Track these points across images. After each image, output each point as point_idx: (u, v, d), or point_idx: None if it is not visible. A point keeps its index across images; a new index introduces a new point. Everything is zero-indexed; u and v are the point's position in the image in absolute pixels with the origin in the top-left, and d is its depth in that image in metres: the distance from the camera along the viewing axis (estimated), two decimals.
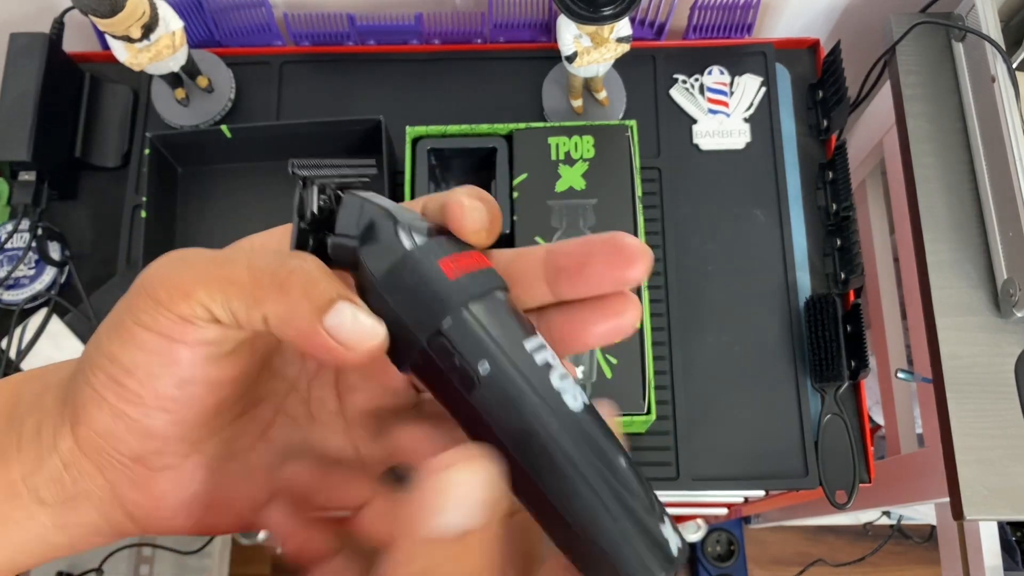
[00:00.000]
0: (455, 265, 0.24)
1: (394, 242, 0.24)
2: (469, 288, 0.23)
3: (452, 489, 0.19)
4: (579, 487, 0.22)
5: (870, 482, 0.70)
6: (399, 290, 0.23)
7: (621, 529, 0.22)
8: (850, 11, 0.84)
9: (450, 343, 0.23)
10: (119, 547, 1.03)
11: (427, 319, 0.23)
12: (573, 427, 0.23)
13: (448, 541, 0.19)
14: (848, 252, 0.73)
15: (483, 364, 0.23)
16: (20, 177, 0.74)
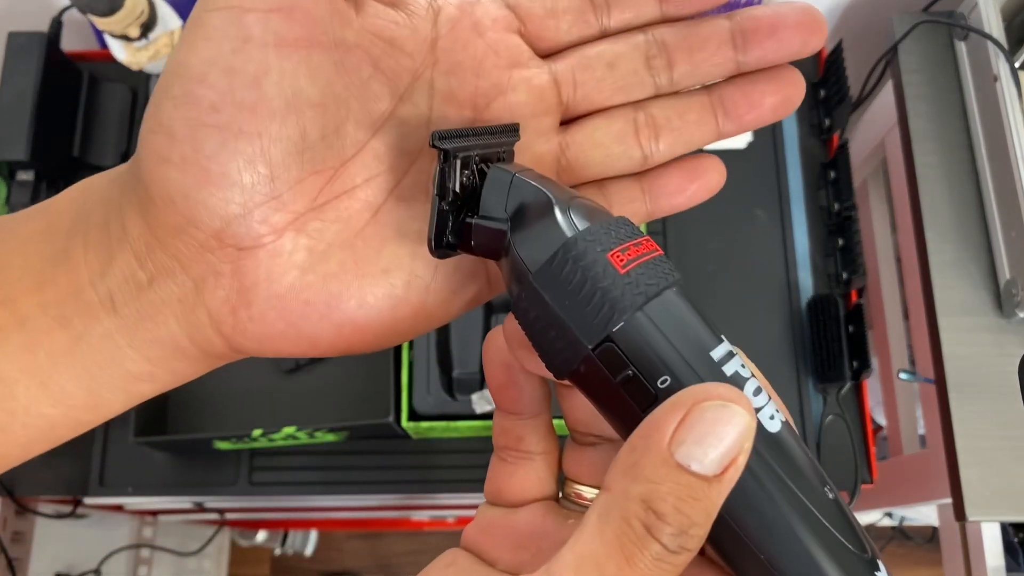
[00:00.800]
0: (626, 256, 0.20)
1: (552, 227, 0.20)
2: (644, 285, 0.19)
3: (719, 426, 0.17)
4: (786, 525, 0.18)
5: (872, 483, 0.69)
6: (559, 287, 0.19)
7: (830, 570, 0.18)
8: (852, 10, 0.83)
9: (623, 353, 0.19)
10: (118, 548, 1.03)
11: (595, 323, 0.19)
12: (776, 453, 0.19)
13: (693, 475, 0.17)
14: (850, 252, 0.73)
15: (663, 378, 0.19)
16: (18, 177, 0.74)
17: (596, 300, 0.19)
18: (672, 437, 0.17)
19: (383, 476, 0.71)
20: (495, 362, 0.23)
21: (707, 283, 0.74)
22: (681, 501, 0.17)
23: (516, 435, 0.24)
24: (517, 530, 0.23)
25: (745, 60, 0.23)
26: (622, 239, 0.20)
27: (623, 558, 0.17)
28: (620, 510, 0.17)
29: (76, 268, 0.21)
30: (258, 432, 0.64)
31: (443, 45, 0.22)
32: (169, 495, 0.72)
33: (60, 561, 0.99)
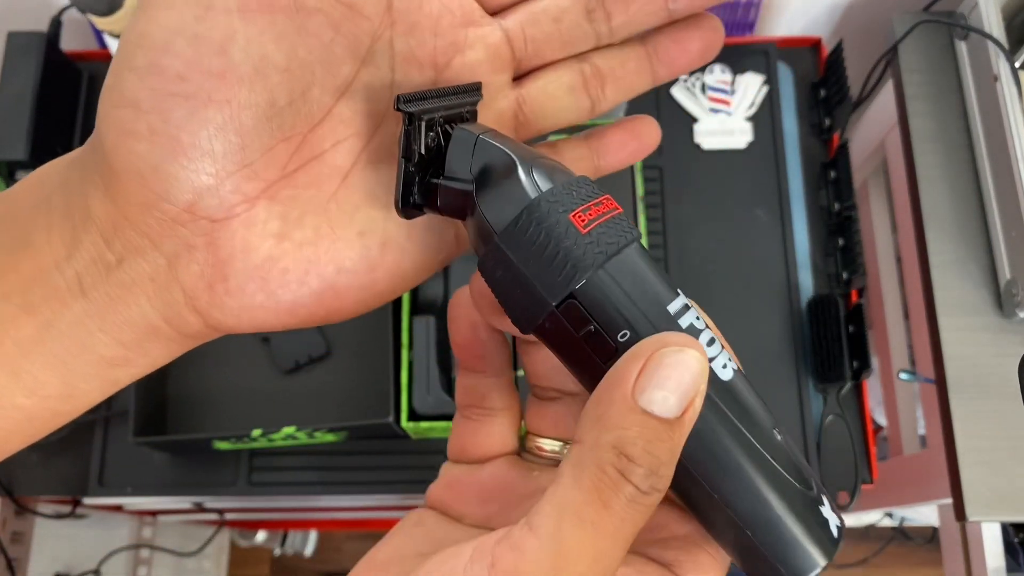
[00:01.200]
0: (587, 216, 0.20)
1: (516, 188, 0.21)
2: (605, 243, 0.20)
3: (677, 370, 0.18)
4: (738, 466, 0.20)
5: (872, 483, 0.69)
6: (523, 246, 0.20)
7: (781, 512, 0.20)
8: (852, 10, 0.83)
9: (585, 309, 0.20)
10: (117, 548, 1.02)
11: (558, 281, 0.20)
12: (728, 400, 0.20)
13: (657, 419, 0.18)
14: (850, 252, 0.73)
15: (623, 332, 0.20)
16: (17, 176, 0.74)
17: (559, 259, 0.20)
18: (635, 385, 0.18)
19: (383, 476, 0.71)
20: (461, 321, 0.24)
21: (707, 283, 0.74)
22: (648, 443, 0.18)
23: (480, 393, 0.24)
24: (483, 485, 0.24)
25: (675, 7, 0.24)
26: (583, 199, 0.21)
27: (600, 503, 0.18)
28: (593, 459, 0.18)
29: (39, 253, 0.20)
30: (257, 432, 0.64)
31: (399, 7, 0.22)
32: (168, 495, 0.72)
33: (59, 561, 0.99)
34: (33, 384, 0.21)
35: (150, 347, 0.22)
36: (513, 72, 0.25)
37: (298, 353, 0.71)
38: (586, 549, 0.18)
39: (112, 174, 0.20)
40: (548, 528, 0.18)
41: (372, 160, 0.23)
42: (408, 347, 0.66)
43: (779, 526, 0.20)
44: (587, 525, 0.18)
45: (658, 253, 0.74)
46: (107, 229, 0.20)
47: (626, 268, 0.21)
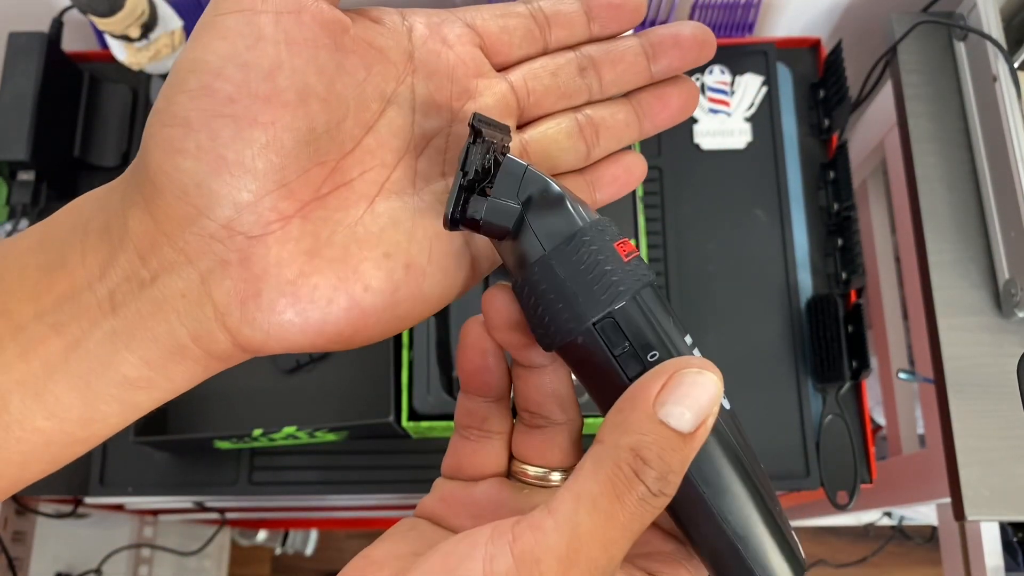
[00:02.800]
0: (624, 249, 0.23)
1: (567, 215, 0.23)
2: (640, 274, 0.23)
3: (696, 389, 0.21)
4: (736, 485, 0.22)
5: (871, 483, 0.69)
6: (572, 265, 0.22)
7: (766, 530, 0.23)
8: (851, 10, 0.83)
9: (622, 327, 0.22)
10: (118, 548, 1.03)
11: (602, 300, 0.22)
12: (731, 427, 0.23)
13: (673, 431, 0.20)
14: (849, 252, 0.73)
15: (653, 354, 0.22)
16: (19, 177, 0.74)
17: (605, 280, 0.22)
18: (656, 398, 0.21)
19: (383, 476, 0.71)
20: (473, 347, 0.26)
21: (707, 283, 0.74)
22: (663, 451, 0.20)
23: (481, 416, 0.26)
24: (475, 501, 0.26)
25: (656, 69, 0.27)
26: (616, 236, 0.23)
27: (614, 496, 0.20)
28: (612, 457, 0.21)
29: (73, 273, 0.21)
30: (258, 432, 0.65)
31: (419, 56, 0.25)
32: (169, 495, 0.72)
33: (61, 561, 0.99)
34: (55, 406, 0.22)
35: (174, 369, 0.23)
36: (518, 119, 0.27)
37: (299, 353, 0.71)
38: (598, 534, 0.20)
39: (155, 191, 0.21)
40: (566, 512, 0.20)
41: (394, 190, 0.24)
42: (408, 347, 0.66)
43: (764, 542, 0.23)
44: (601, 513, 0.20)
45: (658, 253, 0.74)
46: (144, 246, 0.21)
47: (654, 299, 0.23)
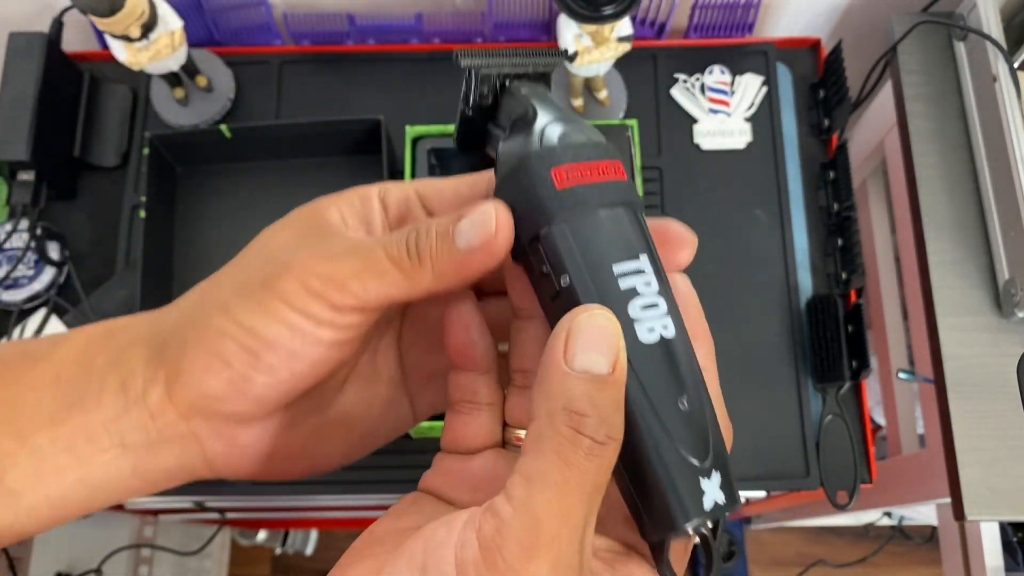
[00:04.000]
0: (572, 174, 0.24)
1: (523, 142, 0.25)
2: (573, 201, 0.24)
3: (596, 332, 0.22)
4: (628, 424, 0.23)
5: (871, 483, 0.69)
6: (515, 190, 0.25)
7: (654, 471, 0.22)
8: (851, 11, 0.83)
9: (543, 250, 0.24)
10: (118, 548, 1.03)
11: (529, 224, 0.24)
12: (637, 363, 0.23)
13: (591, 377, 0.22)
14: (849, 252, 0.73)
15: (564, 278, 0.24)
16: (19, 177, 0.74)
17: (534, 206, 0.24)
18: (564, 354, 0.22)
19: (384, 476, 0.71)
20: (456, 324, 0.28)
21: (707, 283, 0.74)
22: (591, 396, 0.21)
23: (471, 389, 0.28)
24: (473, 474, 0.27)
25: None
26: (579, 159, 0.25)
27: (562, 463, 0.21)
28: (548, 426, 0.21)
29: (88, 414, 0.26)
30: None
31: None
32: (169, 494, 0.72)
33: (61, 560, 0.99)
34: (60, 502, 0.26)
35: (164, 483, 0.28)
36: None
37: None
38: (554, 509, 0.21)
39: (180, 383, 0.26)
40: (520, 495, 0.21)
41: (359, 373, 0.30)
42: None
43: (651, 482, 0.22)
44: (552, 486, 0.21)
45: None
46: (156, 410, 0.26)
47: (590, 226, 0.24)
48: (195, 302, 0.27)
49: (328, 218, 0.27)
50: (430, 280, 0.25)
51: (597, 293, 0.23)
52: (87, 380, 0.26)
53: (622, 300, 0.24)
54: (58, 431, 0.26)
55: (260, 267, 0.26)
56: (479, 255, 0.25)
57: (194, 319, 0.26)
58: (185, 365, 0.25)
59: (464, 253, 0.24)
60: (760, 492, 0.77)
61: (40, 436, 0.26)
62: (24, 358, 0.27)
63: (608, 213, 0.24)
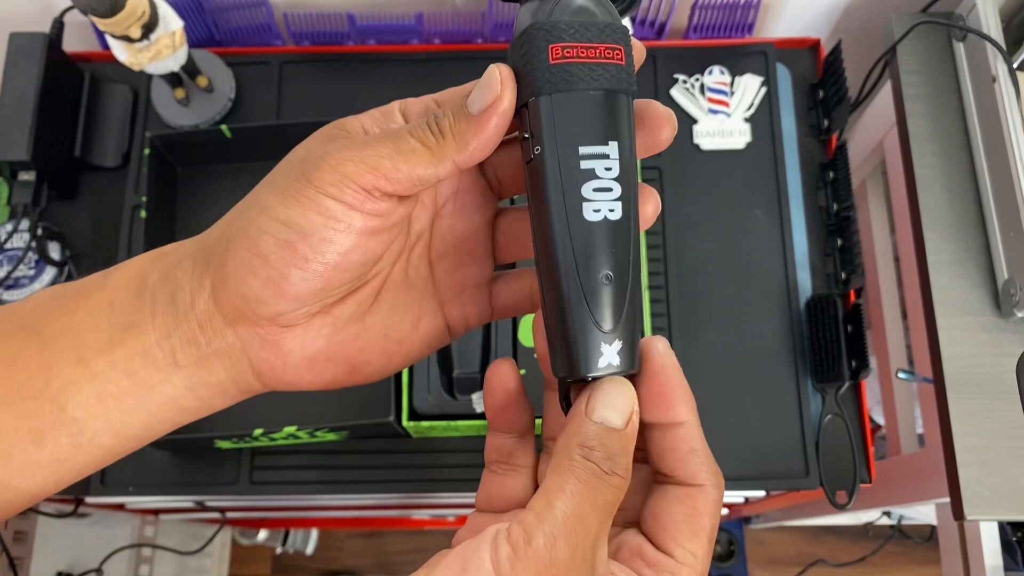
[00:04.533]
0: (568, 52, 0.26)
1: (537, 7, 0.27)
2: (562, 78, 0.26)
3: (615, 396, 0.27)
4: (548, 284, 0.27)
5: (871, 482, 0.69)
6: (517, 56, 0.27)
7: (567, 326, 0.27)
8: (851, 11, 0.83)
9: (527, 117, 0.27)
10: (119, 547, 1.03)
11: (523, 90, 0.27)
12: (575, 233, 0.26)
13: (605, 427, 0.26)
14: (849, 252, 0.73)
15: (537, 148, 0.26)
16: (20, 177, 0.74)
17: (528, 76, 0.26)
18: (586, 408, 0.27)
19: (383, 475, 0.71)
20: (497, 389, 0.30)
21: (707, 283, 0.74)
22: (602, 437, 0.26)
23: (507, 451, 0.31)
24: None
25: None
26: (580, 39, 0.26)
27: (575, 478, 0.25)
28: (565, 455, 0.26)
29: (143, 333, 0.27)
30: (259, 431, 0.65)
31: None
32: (170, 494, 0.72)
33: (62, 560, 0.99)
34: (120, 428, 0.28)
35: (218, 400, 0.29)
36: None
37: None
38: (570, 512, 0.25)
39: (223, 287, 0.27)
40: (540, 503, 0.25)
41: (395, 280, 0.31)
42: None
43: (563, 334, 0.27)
44: (567, 494, 0.25)
45: (657, 253, 0.74)
46: (204, 319, 0.27)
47: (570, 106, 0.26)
48: (235, 212, 0.28)
49: (351, 129, 0.28)
50: (454, 150, 0.26)
51: (559, 169, 0.26)
52: (140, 302, 0.28)
53: (579, 179, 0.26)
54: (115, 355, 0.27)
55: (295, 167, 0.27)
56: (490, 114, 0.26)
57: (235, 226, 0.27)
58: (228, 268, 0.27)
59: (478, 117, 0.26)
60: (760, 492, 0.77)
61: (99, 361, 0.27)
62: (79, 292, 0.28)
63: (592, 96, 0.26)
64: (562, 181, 0.26)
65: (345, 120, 0.29)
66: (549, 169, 0.26)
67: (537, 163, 0.26)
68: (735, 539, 1.41)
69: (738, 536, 1.41)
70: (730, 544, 1.41)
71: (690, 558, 0.28)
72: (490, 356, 0.66)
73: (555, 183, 0.26)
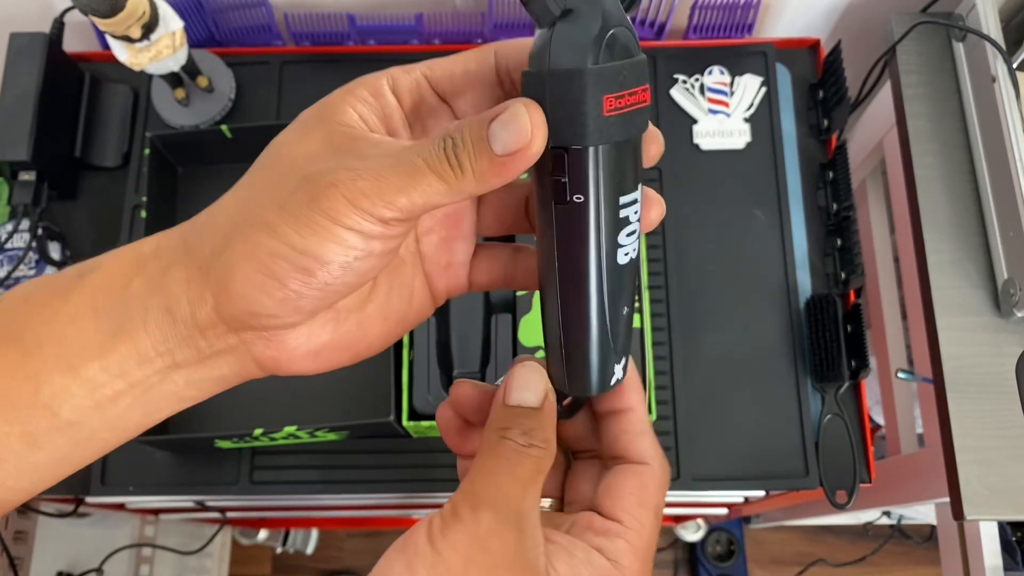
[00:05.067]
0: (619, 102, 0.25)
1: (584, 49, 0.24)
2: (614, 131, 0.25)
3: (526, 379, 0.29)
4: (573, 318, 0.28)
5: (870, 482, 0.69)
6: (560, 96, 0.25)
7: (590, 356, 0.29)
8: (851, 11, 0.83)
9: (567, 163, 0.26)
10: (119, 547, 1.03)
11: (561, 133, 0.25)
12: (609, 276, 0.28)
13: (522, 410, 0.29)
14: (848, 252, 0.73)
15: (578, 195, 0.26)
16: (20, 177, 0.74)
17: (576, 123, 0.25)
18: (504, 398, 0.29)
19: (384, 475, 0.71)
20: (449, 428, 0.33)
21: (707, 283, 0.74)
22: (518, 417, 0.29)
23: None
24: None
25: None
26: (624, 85, 0.25)
27: (492, 456, 0.28)
28: (487, 442, 0.29)
29: (136, 339, 0.27)
30: (259, 431, 0.65)
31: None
32: (170, 494, 0.72)
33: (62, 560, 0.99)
34: (119, 422, 0.28)
35: (219, 388, 0.29)
36: None
37: None
38: (491, 488, 0.27)
39: (230, 303, 0.26)
40: (466, 482, 0.28)
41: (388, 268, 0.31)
42: (408, 347, 0.66)
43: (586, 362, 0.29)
44: (486, 471, 0.28)
45: (658, 253, 0.74)
46: (206, 326, 0.27)
47: (614, 156, 0.26)
48: (231, 221, 0.27)
49: (347, 121, 0.27)
50: (473, 186, 0.26)
51: (602, 220, 0.26)
52: (127, 307, 0.27)
53: (617, 228, 0.27)
54: (108, 360, 0.27)
55: (298, 184, 0.26)
56: (517, 158, 0.25)
57: (236, 239, 0.26)
58: (236, 287, 0.26)
59: (502, 157, 0.25)
60: (759, 491, 0.77)
61: (91, 367, 0.27)
62: (55, 293, 0.28)
63: (631, 143, 0.26)
64: (603, 231, 0.27)
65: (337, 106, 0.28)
66: (592, 219, 0.26)
67: (577, 209, 0.26)
68: (735, 539, 1.41)
69: (738, 536, 1.41)
70: (730, 544, 1.41)
71: (637, 524, 0.30)
72: (490, 356, 0.66)
73: (596, 232, 0.26)
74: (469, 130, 0.26)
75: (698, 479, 0.70)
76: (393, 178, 0.25)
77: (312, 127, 0.27)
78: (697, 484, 0.70)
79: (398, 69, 0.29)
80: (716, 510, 1.08)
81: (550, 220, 0.27)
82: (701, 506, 1.04)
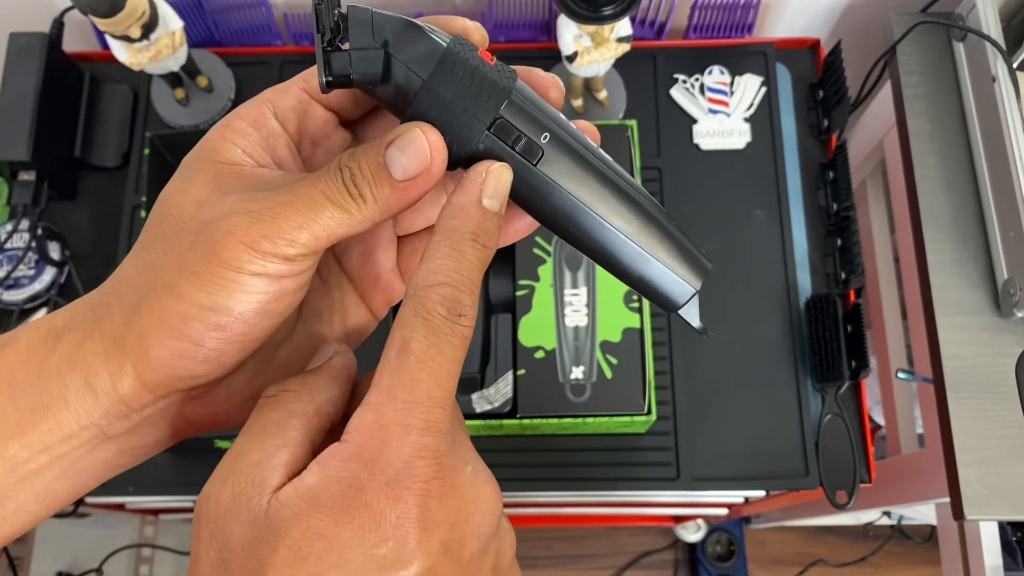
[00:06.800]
0: (486, 55, 0.26)
1: (431, 42, 0.25)
2: (508, 72, 0.26)
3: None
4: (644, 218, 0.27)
5: (870, 482, 0.69)
6: (452, 84, 0.25)
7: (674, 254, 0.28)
8: (851, 11, 0.83)
9: (512, 123, 0.25)
10: (119, 548, 1.03)
11: (487, 104, 0.25)
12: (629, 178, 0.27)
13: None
14: (849, 252, 0.73)
15: (544, 136, 0.26)
16: (20, 177, 0.74)
17: (484, 88, 0.25)
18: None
19: None
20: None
21: (705, 282, 0.74)
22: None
23: None
24: None
25: None
26: (475, 46, 0.26)
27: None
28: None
29: (57, 415, 0.25)
30: None
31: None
32: (170, 494, 0.72)
33: (62, 560, 0.99)
34: (47, 494, 0.27)
35: (155, 452, 0.29)
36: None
37: None
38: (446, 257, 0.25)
39: (151, 371, 0.25)
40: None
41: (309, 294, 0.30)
42: None
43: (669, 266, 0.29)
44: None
45: None
46: (129, 396, 0.26)
47: (526, 91, 0.26)
48: (135, 288, 0.26)
49: (231, 158, 0.26)
50: (377, 214, 0.25)
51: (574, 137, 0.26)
52: (45, 383, 0.26)
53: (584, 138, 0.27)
54: (29, 437, 0.26)
55: (194, 238, 0.24)
56: (419, 181, 0.25)
57: (143, 308, 0.25)
58: (154, 355, 0.25)
59: (403, 182, 0.25)
60: (760, 492, 0.77)
61: (11, 445, 0.25)
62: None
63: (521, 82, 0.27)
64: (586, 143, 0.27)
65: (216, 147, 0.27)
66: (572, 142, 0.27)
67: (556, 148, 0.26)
68: (735, 539, 1.41)
69: (738, 536, 1.41)
70: (730, 544, 1.41)
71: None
72: (490, 356, 0.66)
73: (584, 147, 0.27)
74: (365, 158, 0.25)
75: (698, 479, 0.70)
76: (291, 214, 0.24)
77: (196, 172, 0.26)
78: (697, 484, 0.70)
79: (274, 91, 0.28)
80: (716, 510, 1.08)
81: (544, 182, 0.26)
82: (701, 506, 1.04)
